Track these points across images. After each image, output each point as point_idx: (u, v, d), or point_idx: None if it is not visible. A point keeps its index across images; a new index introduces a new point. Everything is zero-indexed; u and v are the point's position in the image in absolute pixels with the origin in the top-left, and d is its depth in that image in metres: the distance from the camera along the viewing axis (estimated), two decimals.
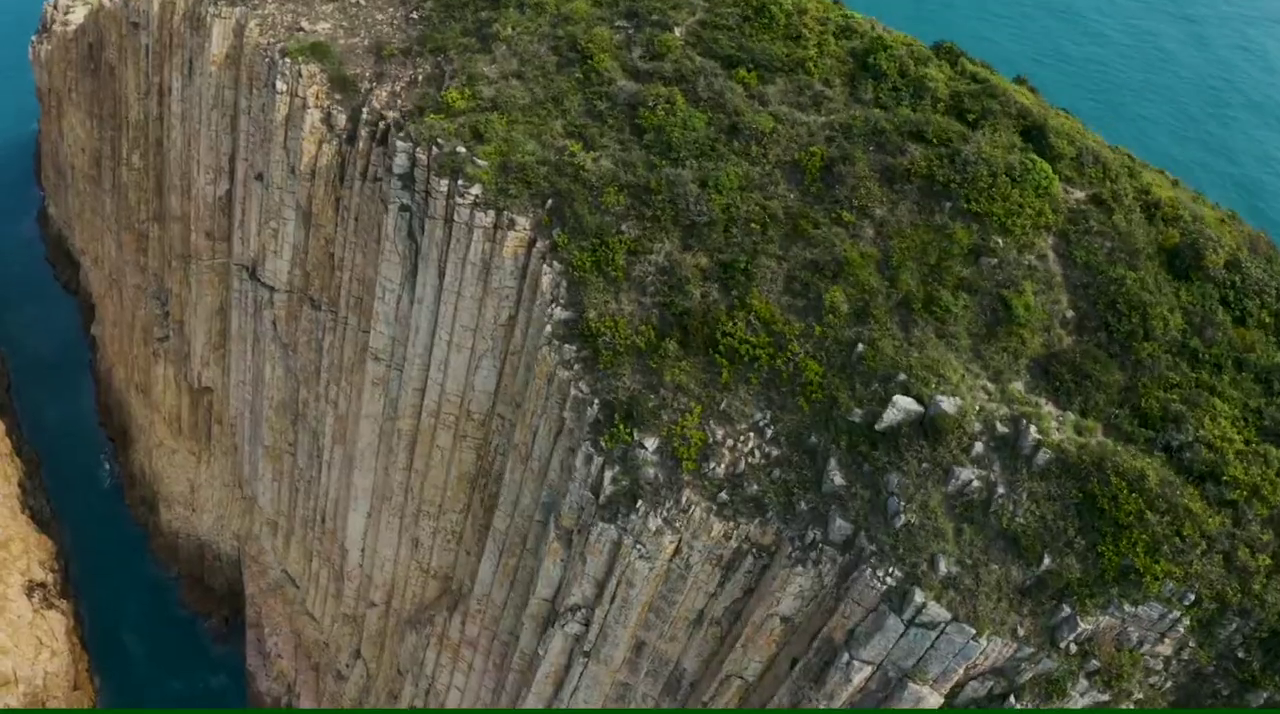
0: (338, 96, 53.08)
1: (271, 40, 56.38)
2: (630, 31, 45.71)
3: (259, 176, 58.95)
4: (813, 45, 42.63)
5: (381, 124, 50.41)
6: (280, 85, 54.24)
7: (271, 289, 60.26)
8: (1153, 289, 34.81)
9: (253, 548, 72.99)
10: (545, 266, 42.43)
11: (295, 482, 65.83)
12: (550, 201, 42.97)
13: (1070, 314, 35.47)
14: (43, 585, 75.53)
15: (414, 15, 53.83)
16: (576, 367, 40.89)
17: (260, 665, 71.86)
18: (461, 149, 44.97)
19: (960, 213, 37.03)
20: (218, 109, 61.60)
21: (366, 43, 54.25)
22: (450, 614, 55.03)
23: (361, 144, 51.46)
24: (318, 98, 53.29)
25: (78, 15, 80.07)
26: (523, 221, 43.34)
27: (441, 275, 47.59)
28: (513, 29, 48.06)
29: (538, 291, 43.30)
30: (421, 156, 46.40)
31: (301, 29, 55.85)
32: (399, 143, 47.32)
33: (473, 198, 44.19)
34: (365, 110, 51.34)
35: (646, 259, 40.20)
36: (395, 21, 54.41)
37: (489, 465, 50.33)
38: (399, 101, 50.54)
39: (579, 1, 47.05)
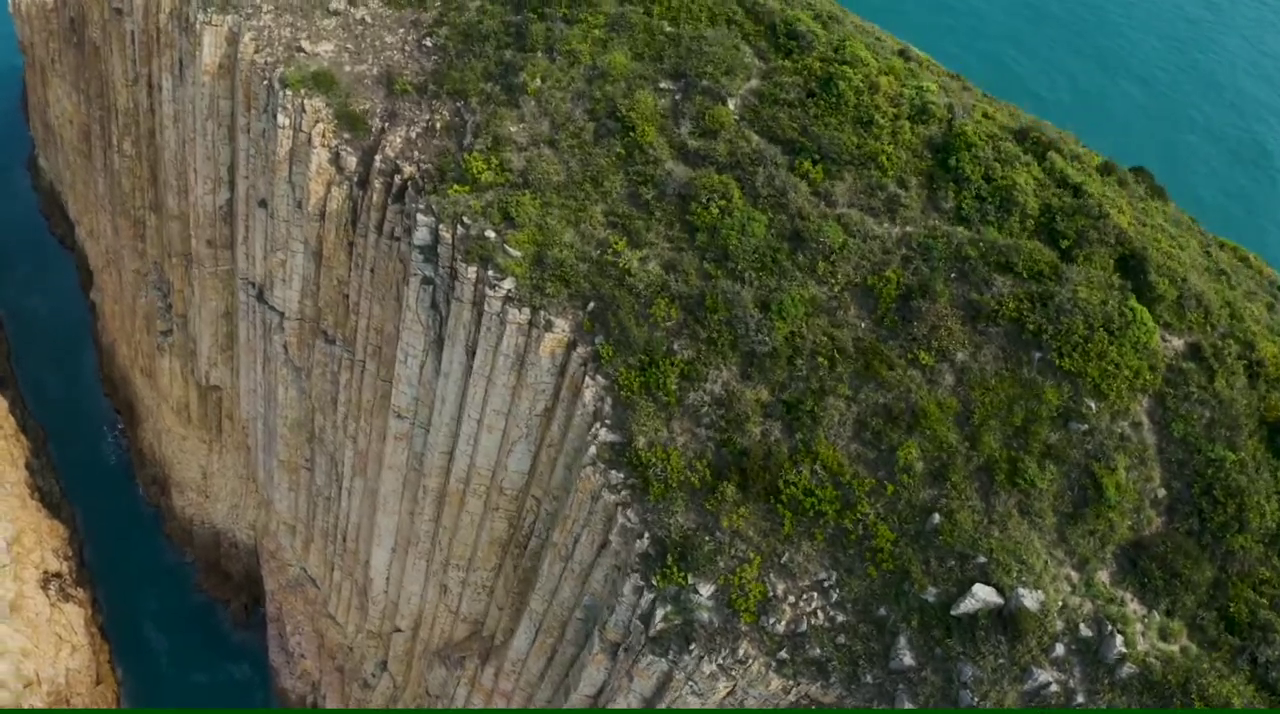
0: (346, 136, 48.49)
1: (269, 59, 51.18)
2: (677, 97, 41.06)
3: (262, 203, 54.67)
4: (885, 134, 38.24)
5: (398, 179, 46.15)
6: (282, 119, 49.53)
7: (281, 314, 56.84)
8: (1251, 473, 32.17)
9: (270, 543, 71.68)
10: (588, 378, 39.32)
11: (314, 497, 63.94)
12: (592, 304, 39.50)
13: (1162, 493, 32.86)
14: (58, 576, 74.52)
15: (427, 42, 48.57)
16: (624, 492, 38.36)
17: (283, 663, 71.64)
18: (491, 233, 41.11)
19: (1051, 367, 33.83)
20: (213, 119, 56.70)
21: (375, 72, 49.16)
22: (483, 663, 54.05)
23: (376, 196, 47.26)
24: (324, 137, 48.70)
25: None
26: (561, 323, 39.97)
27: (470, 355, 44.42)
28: (541, 80, 43.23)
29: (578, 398, 40.27)
30: (445, 234, 42.53)
31: (301, 49, 50.61)
32: (420, 216, 43.30)
33: (505, 292, 40.67)
34: (378, 158, 46.94)
35: (701, 387, 37.10)
36: (407, 47, 49.18)
37: (524, 538, 48.28)
38: (415, 153, 46.06)
39: (617, 54, 42.11)
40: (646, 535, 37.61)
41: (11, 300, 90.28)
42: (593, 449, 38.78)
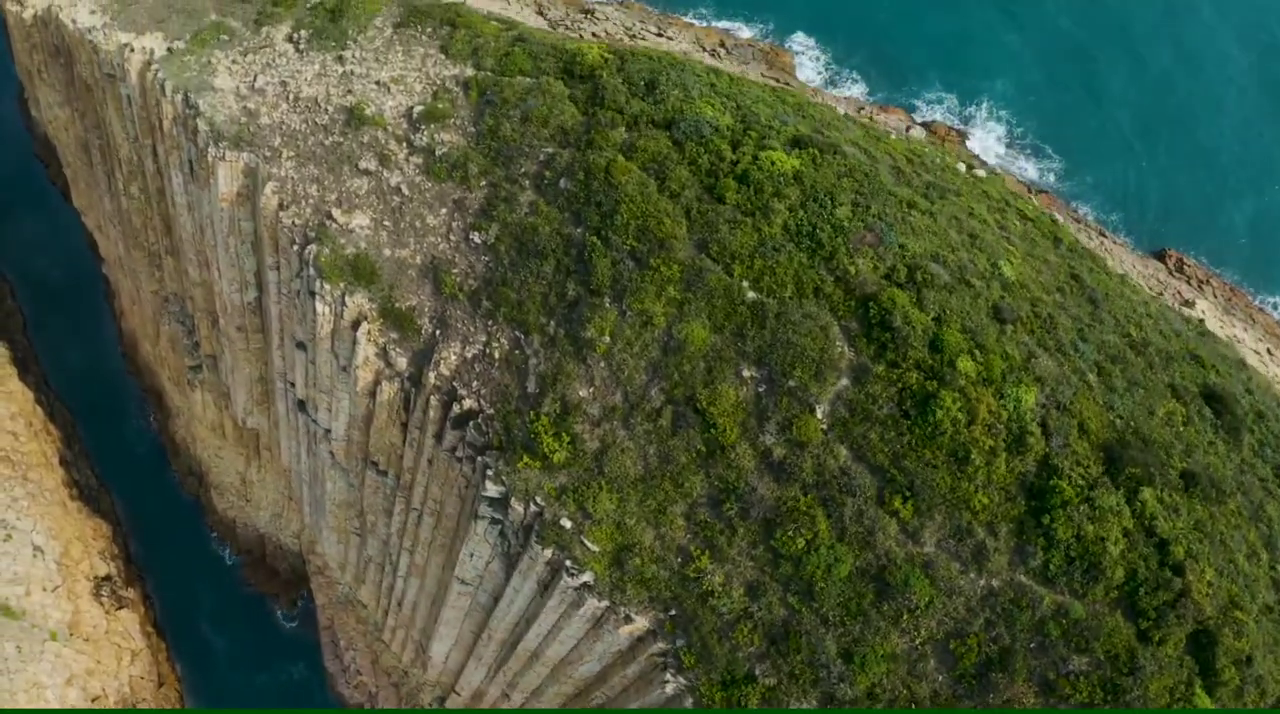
0: (394, 335, 45.71)
1: (296, 221, 47.37)
2: (761, 389, 38.68)
3: (300, 346, 52.12)
4: (980, 471, 36.69)
5: (456, 407, 43.97)
6: (321, 307, 46.74)
7: (327, 430, 55.63)
8: None
9: (317, 560, 73.49)
10: (669, 674, 39.78)
11: (365, 560, 65.07)
12: (673, 611, 39.29)
13: None
14: (108, 579, 76.58)
15: (475, 238, 44.61)
16: None
17: (339, 671, 75.46)
18: (567, 523, 40.13)
19: None
20: (234, 236, 53.07)
21: (419, 261, 45.58)
22: None
23: (432, 412, 45.37)
24: (370, 335, 45.88)
25: None
26: (641, 620, 39.94)
27: (543, 589, 44.27)
28: (610, 337, 40.44)
29: (657, 677, 40.83)
30: (517, 506, 41.34)
31: (333, 217, 46.49)
32: (489, 483, 41.82)
33: (582, 582, 40.23)
34: (433, 374, 44.57)
35: None
36: (452, 236, 45.23)
37: (595, 707, 50.01)
38: (474, 381, 43.72)
39: (695, 326, 39.20)
40: None
41: (18, 262, 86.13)
42: None
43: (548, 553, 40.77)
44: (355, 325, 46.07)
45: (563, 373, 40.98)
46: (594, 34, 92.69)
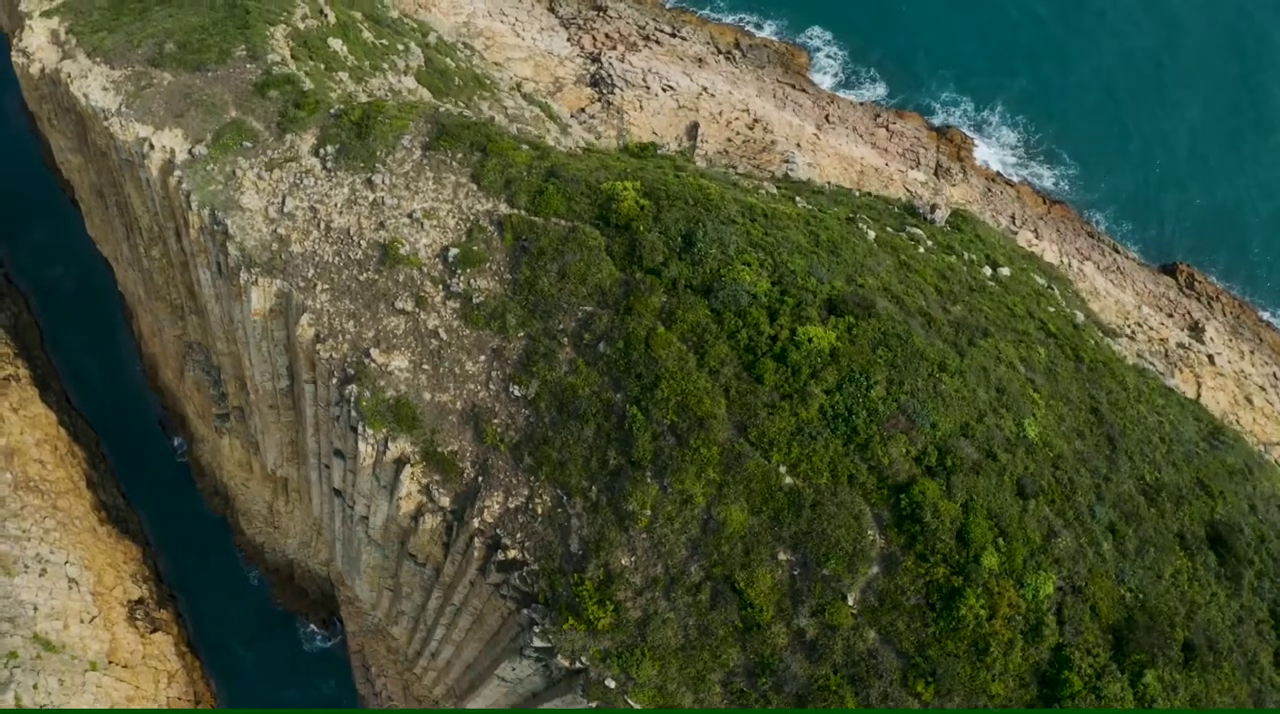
0: (436, 476, 47.05)
1: (334, 354, 48.16)
2: (796, 573, 40.53)
3: (338, 453, 53.37)
4: (998, 662, 38.99)
5: (500, 554, 45.66)
6: (364, 447, 47.81)
7: (364, 518, 57.47)
8: None
9: (347, 591, 76.11)
10: None
11: (398, 610, 67.57)
12: None
13: None
14: (141, 602, 79.29)
15: (515, 391, 45.51)
16: None
17: (370, 694, 78.92)
18: (611, 683, 42.41)
19: None
20: (267, 340, 53.69)
21: (460, 407, 46.58)
22: None
23: (476, 552, 46.88)
24: (413, 476, 47.21)
25: (36, 40, 61.72)
26: None
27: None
28: (651, 511, 42.01)
29: None
30: (563, 662, 43.51)
31: (371, 357, 47.21)
32: (536, 638, 43.86)
33: None
34: (476, 520, 46.07)
35: None
36: (492, 385, 46.13)
37: None
38: (518, 532, 45.36)
39: (734, 510, 40.80)
40: None
41: (31, 272, 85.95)
42: None
43: (593, 704, 43.20)
44: (398, 464, 47.44)
45: (605, 540, 42.69)
46: (606, 35, 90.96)
